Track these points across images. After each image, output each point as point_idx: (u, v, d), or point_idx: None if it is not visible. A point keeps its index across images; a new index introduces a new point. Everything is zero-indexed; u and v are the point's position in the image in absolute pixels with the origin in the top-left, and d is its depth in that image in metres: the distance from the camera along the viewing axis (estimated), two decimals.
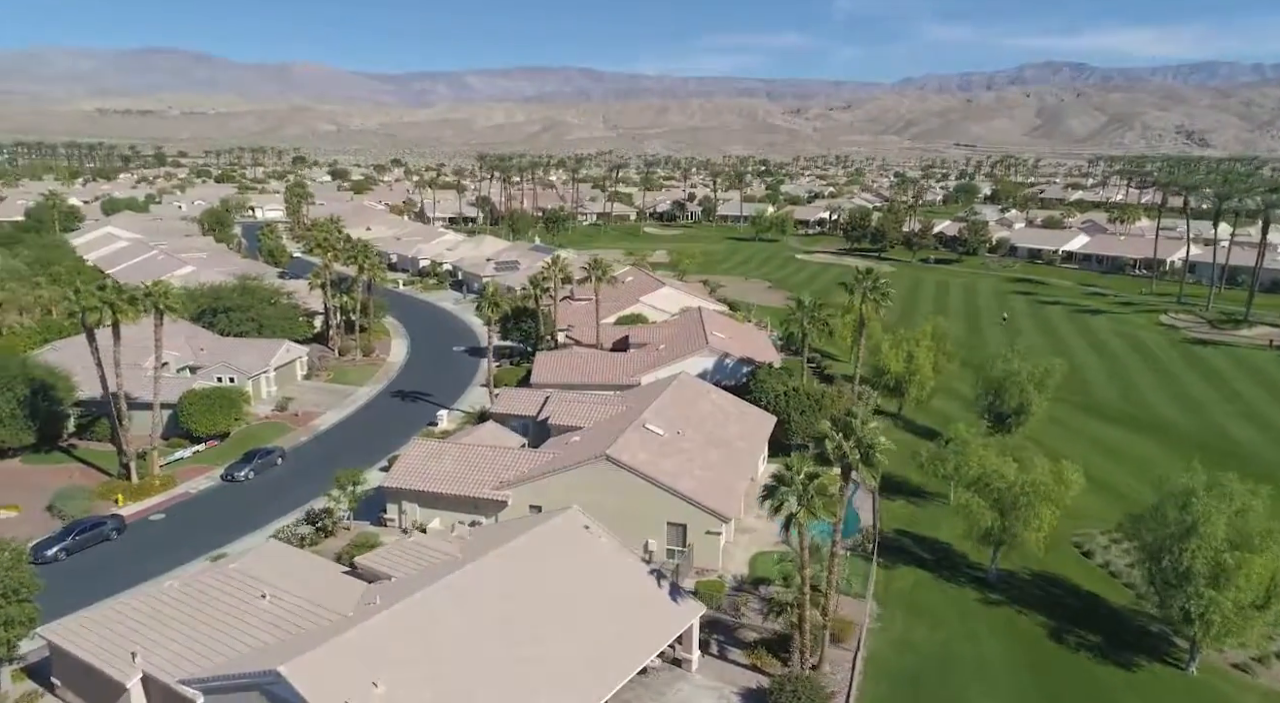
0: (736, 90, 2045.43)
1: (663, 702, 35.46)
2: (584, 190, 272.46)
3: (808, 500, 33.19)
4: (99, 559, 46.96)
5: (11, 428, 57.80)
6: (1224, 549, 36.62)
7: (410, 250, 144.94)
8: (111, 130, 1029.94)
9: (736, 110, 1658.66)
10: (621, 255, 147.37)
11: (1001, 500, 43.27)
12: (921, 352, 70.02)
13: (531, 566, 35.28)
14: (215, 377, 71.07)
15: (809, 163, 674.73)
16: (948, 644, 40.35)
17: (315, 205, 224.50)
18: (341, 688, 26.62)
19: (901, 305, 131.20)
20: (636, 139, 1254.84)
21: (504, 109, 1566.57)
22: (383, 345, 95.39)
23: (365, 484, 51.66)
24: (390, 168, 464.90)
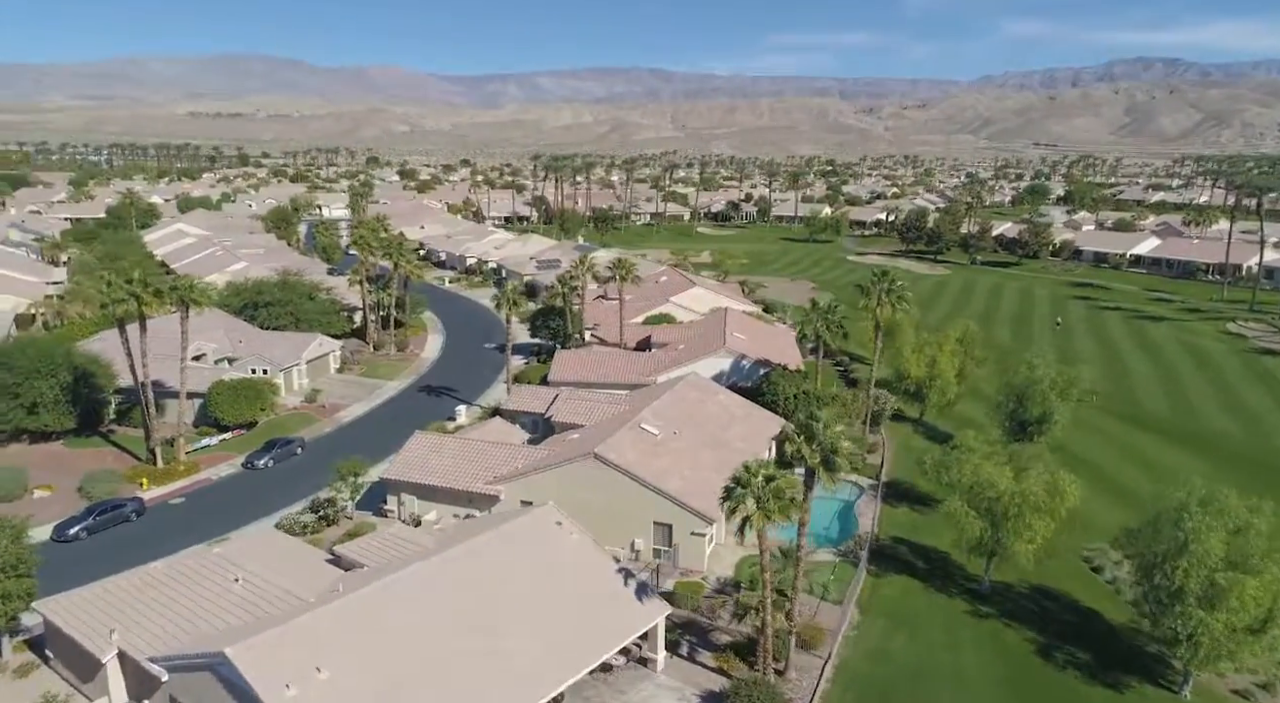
0: (808, 89, 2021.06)
1: (623, 699, 35.60)
2: (642, 190, 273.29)
3: (764, 503, 32.85)
4: (117, 540, 49.46)
5: (54, 413, 61.34)
6: (1219, 568, 34.89)
7: (458, 249, 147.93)
8: (203, 132, 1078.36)
9: (806, 109, 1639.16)
10: (667, 255, 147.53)
11: (992, 510, 42.03)
12: (944, 357, 68.30)
13: (496, 559, 35.83)
14: (249, 368, 73.99)
15: (876, 163, 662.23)
16: (926, 656, 39.40)
17: (378, 204, 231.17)
18: (285, 672, 27.55)
19: (949, 308, 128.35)
20: (703, 139, 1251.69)
21: (572, 109, 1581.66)
22: (418, 341, 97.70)
23: (366, 476, 52.99)
24: (457, 168, 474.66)
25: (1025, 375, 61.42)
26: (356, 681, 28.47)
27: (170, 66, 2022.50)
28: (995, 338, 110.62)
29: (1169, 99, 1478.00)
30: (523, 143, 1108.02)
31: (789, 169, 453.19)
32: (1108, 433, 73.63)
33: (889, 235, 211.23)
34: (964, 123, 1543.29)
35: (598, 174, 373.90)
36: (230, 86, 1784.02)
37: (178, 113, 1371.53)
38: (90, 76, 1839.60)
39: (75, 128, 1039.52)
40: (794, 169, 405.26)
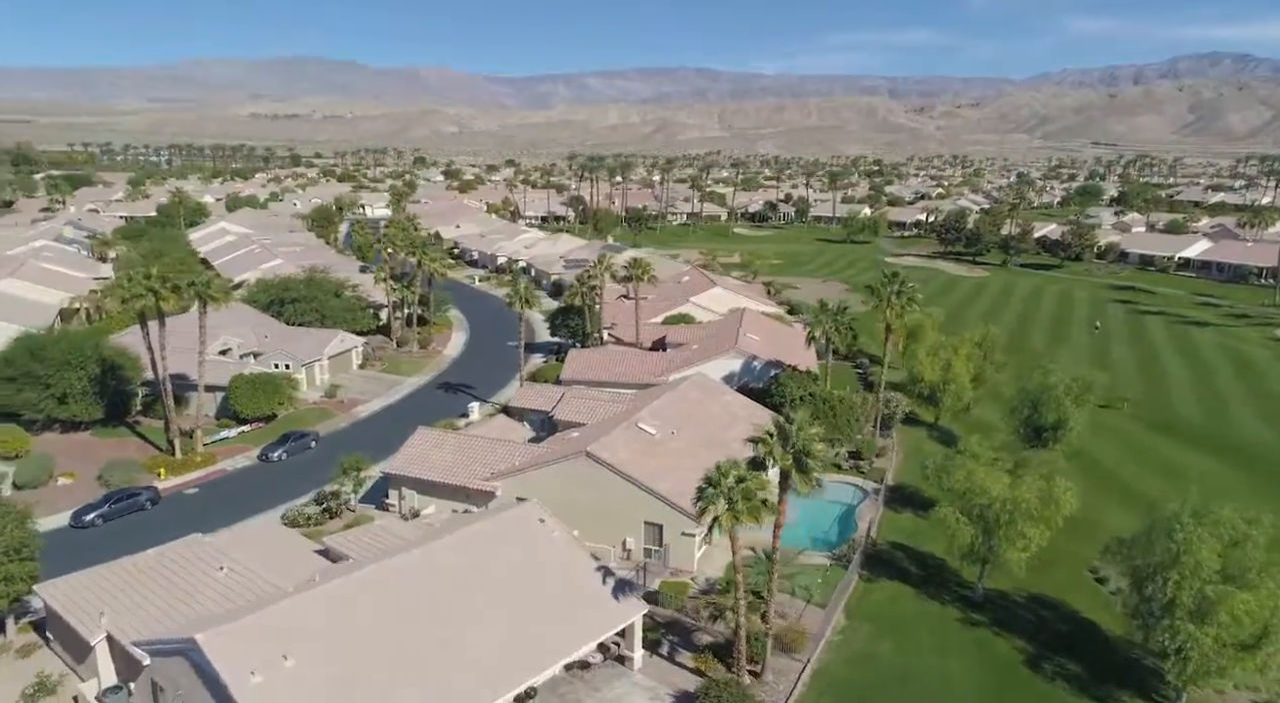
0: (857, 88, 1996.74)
1: (597, 697, 35.79)
2: (681, 190, 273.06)
3: (734, 503, 32.74)
4: (130, 527, 51.18)
5: (82, 403, 63.77)
6: (1212, 581, 33.78)
7: (490, 248, 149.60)
8: (262, 133, 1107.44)
9: (856, 109, 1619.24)
10: (696, 256, 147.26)
11: (984, 517, 41.23)
12: (959, 360, 67.09)
13: (474, 553, 36.30)
14: (273, 363, 75.96)
15: (924, 163, 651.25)
16: (910, 662, 38.83)
17: (418, 203, 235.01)
18: (252, 659, 28.33)
19: (983, 311, 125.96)
20: (749, 139, 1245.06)
21: (619, 110, 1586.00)
22: (443, 338, 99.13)
23: (368, 470, 53.96)
24: (501, 168, 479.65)
25: (1039, 381, 60.06)
26: (322, 669, 29.14)
27: (233, 69, 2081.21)
28: (1029, 341, 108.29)
29: (1237, 96, 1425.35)
30: (569, 143, 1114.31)
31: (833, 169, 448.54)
32: (1135, 440, 71.60)
33: (929, 237, 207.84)
34: (1019, 122, 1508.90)
35: (639, 174, 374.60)
36: (288, 88, 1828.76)
37: (238, 114, 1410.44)
38: (159, 79, 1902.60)
39: (143, 129, 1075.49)
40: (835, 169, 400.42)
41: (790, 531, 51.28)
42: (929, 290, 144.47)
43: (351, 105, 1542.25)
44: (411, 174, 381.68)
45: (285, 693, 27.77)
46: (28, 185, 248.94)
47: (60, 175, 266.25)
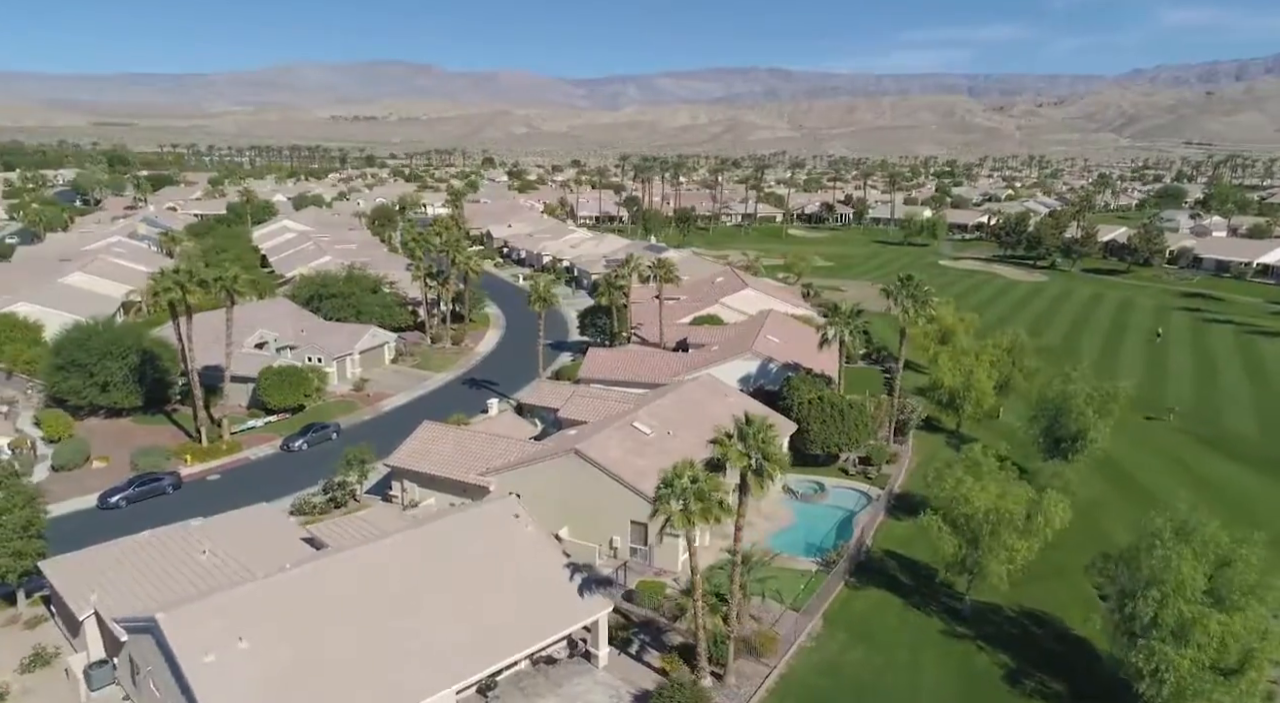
0: (935, 87, 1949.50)
1: (559, 692, 36.15)
2: (741, 191, 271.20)
3: (686, 504, 32.67)
4: (152, 509, 53.77)
5: (122, 391, 67.25)
6: (1196, 601, 32.23)
7: (536, 247, 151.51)
8: (342, 135, 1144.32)
9: (932, 108, 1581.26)
10: (739, 256, 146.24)
11: (968, 528, 40.08)
12: (982, 367, 65.16)
13: (444, 545, 37.09)
14: (306, 356, 78.70)
15: (999, 163, 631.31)
16: (883, 673, 38.05)
17: (478, 203, 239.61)
18: (208, 640, 29.60)
19: (1034, 317, 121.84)
20: (819, 139, 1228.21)
21: (689, 111, 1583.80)
22: (477, 335, 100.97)
23: (374, 463, 55.39)
24: (565, 169, 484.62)
25: (1059, 389, 57.95)
26: (276, 653, 30.21)
27: (319, 73, 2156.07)
28: (1079, 349, 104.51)
29: None
30: (636, 144, 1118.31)
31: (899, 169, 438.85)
32: (1175, 453, 68.56)
33: (990, 240, 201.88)
34: (1105, 121, 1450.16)
35: (700, 175, 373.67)
36: (369, 91, 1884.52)
37: (320, 117, 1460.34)
38: (249, 84, 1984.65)
39: (232, 132, 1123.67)
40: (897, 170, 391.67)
41: (786, 535, 51.14)
42: (980, 295, 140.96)
43: (426, 107, 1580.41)
44: (477, 174, 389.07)
45: (235, 674, 28.92)
46: (117, 185, 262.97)
47: (145, 175, 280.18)
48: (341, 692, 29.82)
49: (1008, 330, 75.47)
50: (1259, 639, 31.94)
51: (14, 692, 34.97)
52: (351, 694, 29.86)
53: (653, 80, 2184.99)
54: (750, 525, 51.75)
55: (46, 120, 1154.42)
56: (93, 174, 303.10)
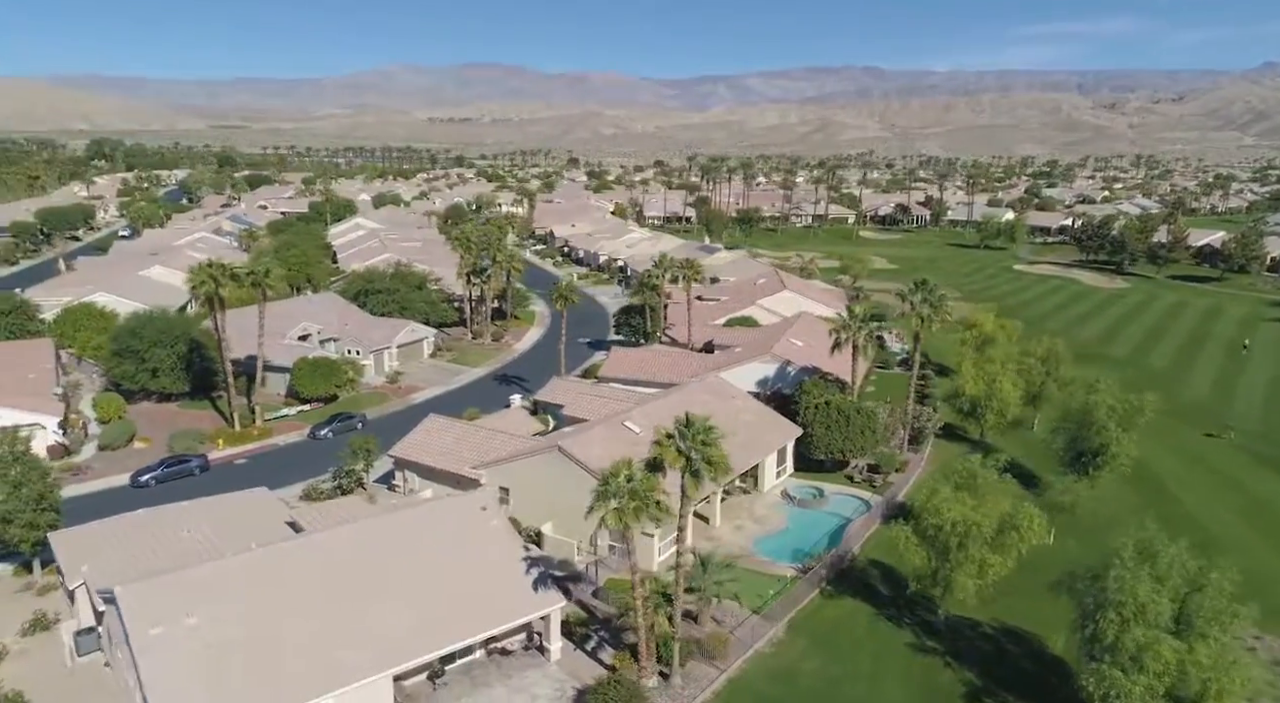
0: (1041, 84, 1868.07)
1: (507, 683, 36.83)
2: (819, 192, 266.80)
3: (620, 504, 32.83)
4: (178, 488, 57.06)
5: (170, 377, 71.64)
6: (1157, 625, 30.56)
7: (594, 246, 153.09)
8: (437, 136, 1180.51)
9: (1036, 106, 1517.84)
10: (795, 258, 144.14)
11: (938, 540, 38.82)
12: (1007, 375, 62.63)
13: (405, 534, 38.30)
14: (345, 348, 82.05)
15: (1102, 163, 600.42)
16: (839, 683, 37.29)
17: (550, 203, 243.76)
18: (159, 613, 31.53)
19: (1107, 326, 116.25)
20: (911, 139, 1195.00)
21: (778, 110, 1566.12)
22: (519, 332, 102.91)
23: (376, 453, 57.23)
24: (647, 169, 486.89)
25: (1081, 400, 55.28)
26: (221, 629, 31.85)
27: (416, 76, 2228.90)
28: (1148, 360, 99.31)
29: None
30: (724, 144, 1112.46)
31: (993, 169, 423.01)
32: (1229, 474, 64.69)
33: (1073, 244, 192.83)
34: (1229, 118, 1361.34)
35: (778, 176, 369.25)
36: (464, 93, 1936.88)
37: (417, 118, 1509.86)
38: (352, 87, 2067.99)
39: (333, 133, 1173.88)
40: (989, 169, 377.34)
41: (774, 540, 50.56)
42: (1050, 302, 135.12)
43: (519, 109, 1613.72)
44: (557, 175, 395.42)
45: (178, 647, 30.68)
46: (218, 184, 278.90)
47: (244, 176, 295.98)
48: (280, 670, 31.24)
49: (1091, 341, 72.19)
50: (1223, 671, 29.97)
51: (12, 653, 37.94)
52: (289, 672, 31.25)
53: (743, 80, 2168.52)
54: (739, 529, 51.72)
55: (171, 123, 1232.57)
56: (201, 175, 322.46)
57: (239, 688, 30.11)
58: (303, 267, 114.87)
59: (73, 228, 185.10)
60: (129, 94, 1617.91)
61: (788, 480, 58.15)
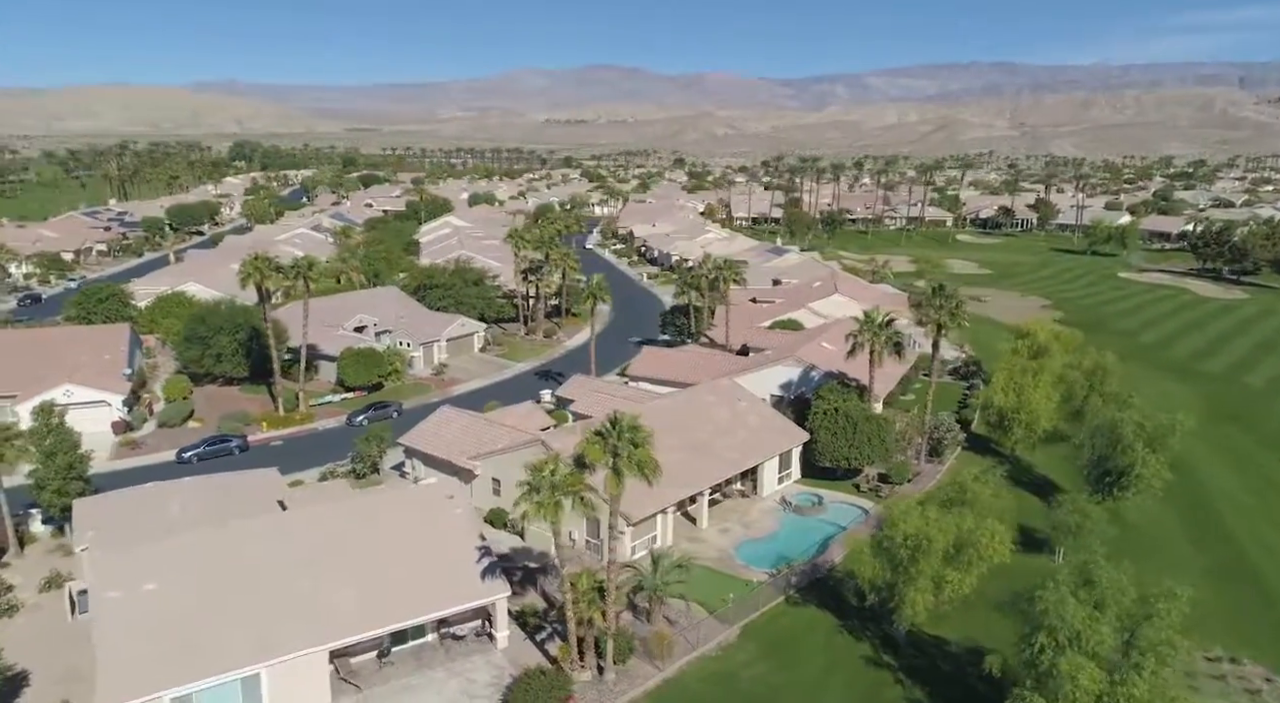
0: (1194, 77, 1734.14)
1: (449, 666, 38.06)
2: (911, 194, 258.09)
3: (539, 500, 33.41)
4: (217, 465, 61.24)
5: (231, 362, 76.99)
6: (1098, 654, 28.85)
7: (669, 246, 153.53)
8: (552, 137, 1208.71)
9: (1187, 102, 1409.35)
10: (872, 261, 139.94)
11: (891, 552, 37.51)
12: (1039, 388, 59.26)
13: (365, 518, 40.16)
14: (398, 340, 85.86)
15: (1254, 163, 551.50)
16: (780, 691, 36.66)
17: (643, 202, 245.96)
18: (120, 580, 34.37)
19: (1208, 341, 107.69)
20: (1041, 138, 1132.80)
21: (897, 109, 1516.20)
22: (573, 330, 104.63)
23: (388, 441, 59.71)
24: (754, 169, 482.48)
25: (1108, 416, 51.87)
26: (177, 598, 34.31)
27: (537, 78, 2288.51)
28: (1245, 379, 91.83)
29: None
30: (838, 144, 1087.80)
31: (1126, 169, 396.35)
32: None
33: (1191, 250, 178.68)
34: None
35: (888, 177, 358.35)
36: (582, 95, 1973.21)
37: (535, 120, 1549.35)
38: (476, 91, 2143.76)
39: (454, 135, 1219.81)
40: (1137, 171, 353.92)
41: (759, 545, 49.93)
42: (1151, 312, 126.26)
43: (634, 110, 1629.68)
44: (657, 175, 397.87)
45: (131, 611, 33.32)
46: (335, 184, 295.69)
47: (357, 175, 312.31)
48: (220, 638, 33.37)
49: (1186, 357, 67.77)
50: None
51: (27, 606, 42.10)
52: (229, 641, 33.35)
53: (862, 78, 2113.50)
54: (725, 532, 51.40)
55: (311, 127, 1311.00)
56: (323, 175, 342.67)
57: (178, 652, 32.43)
58: (382, 262, 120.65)
59: (198, 223, 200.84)
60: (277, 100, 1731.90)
61: (792, 486, 57.09)
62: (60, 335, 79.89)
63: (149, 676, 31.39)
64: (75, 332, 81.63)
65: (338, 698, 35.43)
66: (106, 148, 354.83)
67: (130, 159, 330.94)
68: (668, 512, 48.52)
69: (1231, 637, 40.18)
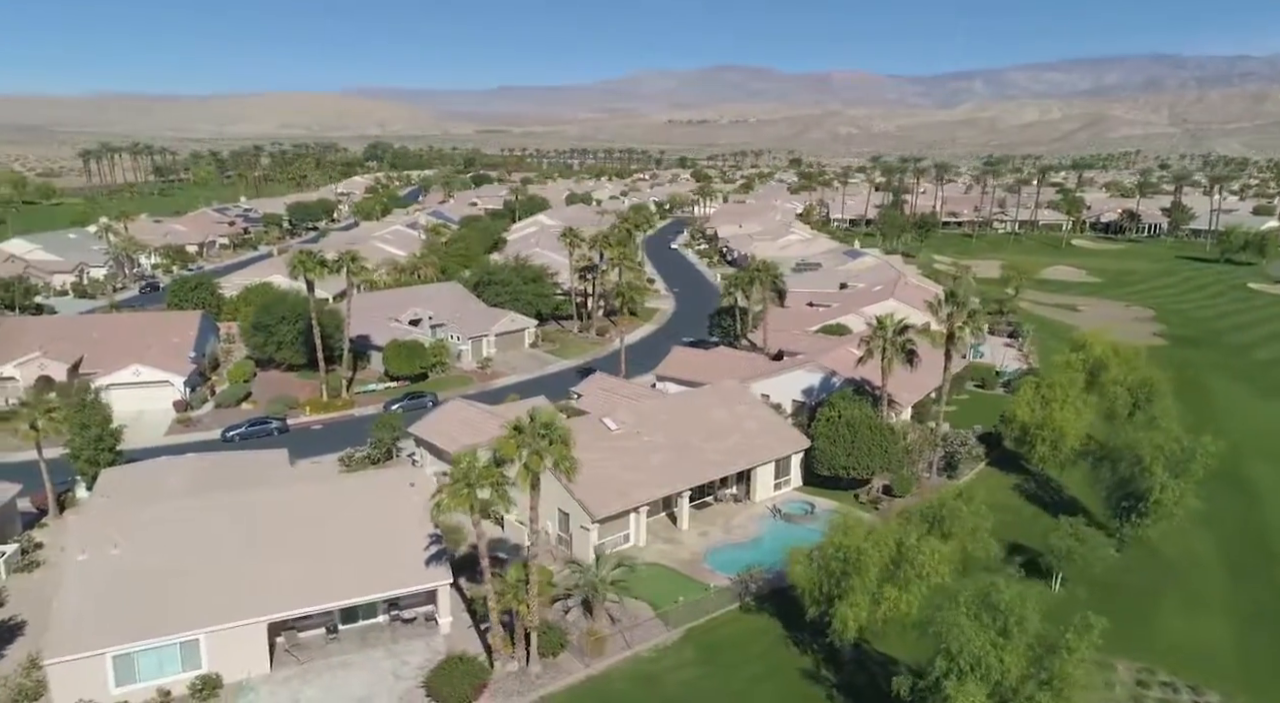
0: None
1: (390, 647, 39.45)
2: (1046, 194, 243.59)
3: (453, 490, 34.24)
4: (255, 444, 65.85)
5: (290, 349, 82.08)
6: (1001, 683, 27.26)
7: (748, 247, 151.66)
8: (673, 138, 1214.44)
9: None
10: (952, 266, 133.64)
11: (826, 566, 36.16)
12: (1066, 405, 55.26)
13: (327, 501, 42.30)
14: (450, 334, 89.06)
15: None
16: (702, 697, 36.21)
17: (741, 203, 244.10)
18: (93, 541, 37.59)
19: None
20: (1202, 136, 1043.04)
21: (1039, 106, 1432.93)
22: (629, 328, 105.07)
23: (400, 429, 62.07)
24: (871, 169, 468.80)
25: (1126, 437, 47.96)
26: (138, 561, 37.22)
27: (662, 80, 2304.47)
28: None
29: None
30: (970, 143, 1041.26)
31: None
32: None
33: None
34: None
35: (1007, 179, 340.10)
36: (707, 96, 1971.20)
37: (658, 121, 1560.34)
38: (602, 93, 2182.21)
39: (576, 136, 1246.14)
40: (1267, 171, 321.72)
41: (733, 551, 49.25)
42: (1274, 328, 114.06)
43: (758, 110, 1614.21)
44: (767, 175, 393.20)
45: (93, 572, 36.40)
46: (449, 183, 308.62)
47: (469, 176, 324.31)
48: (166, 602, 35.96)
49: (1140, 369, 62.50)
50: None
51: (47, 564, 46.43)
52: (174, 606, 35.90)
53: (1002, 74, 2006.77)
54: (704, 535, 51.03)
55: (445, 129, 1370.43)
56: (441, 174, 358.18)
57: (126, 613, 35.17)
58: (458, 258, 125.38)
59: (315, 220, 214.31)
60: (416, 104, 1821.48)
61: (790, 494, 55.65)
62: (143, 320, 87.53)
63: (95, 633, 34.23)
64: (155, 317, 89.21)
65: (279, 668, 37.47)
66: (246, 150, 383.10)
67: (266, 160, 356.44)
68: (640, 511, 48.38)
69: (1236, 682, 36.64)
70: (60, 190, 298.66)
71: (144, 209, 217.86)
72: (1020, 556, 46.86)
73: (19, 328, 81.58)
